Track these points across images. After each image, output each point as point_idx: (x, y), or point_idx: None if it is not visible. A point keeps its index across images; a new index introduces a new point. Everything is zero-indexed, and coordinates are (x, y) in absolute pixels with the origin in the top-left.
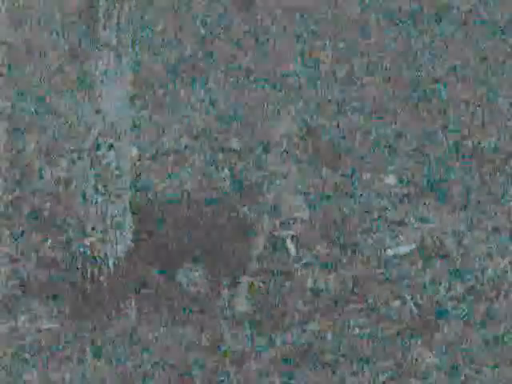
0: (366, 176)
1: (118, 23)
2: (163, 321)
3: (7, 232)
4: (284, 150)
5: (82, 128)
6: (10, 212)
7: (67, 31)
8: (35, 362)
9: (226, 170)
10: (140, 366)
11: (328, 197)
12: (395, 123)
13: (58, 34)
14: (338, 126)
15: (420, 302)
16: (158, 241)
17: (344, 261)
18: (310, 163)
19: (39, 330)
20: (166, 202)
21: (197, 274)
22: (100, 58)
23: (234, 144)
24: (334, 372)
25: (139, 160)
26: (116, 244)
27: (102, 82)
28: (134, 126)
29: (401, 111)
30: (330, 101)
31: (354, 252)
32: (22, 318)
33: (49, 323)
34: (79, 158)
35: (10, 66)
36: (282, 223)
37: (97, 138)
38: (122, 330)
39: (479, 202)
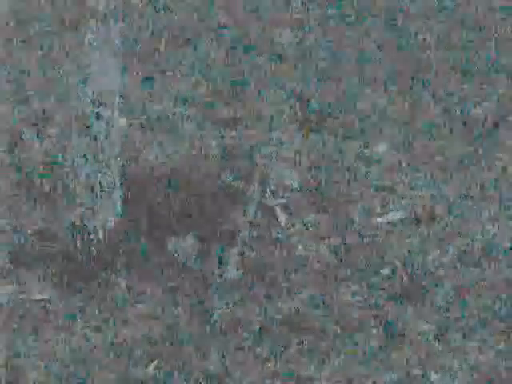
0: (357, 144)
1: None
2: (153, 290)
3: None
4: (273, 119)
5: (71, 97)
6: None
7: (55, 0)
8: (26, 333)
9: (216, 139)
10: (130, 336)
11: (318, 165)
12: (385, 91)
13: (46, 2)
14: (327, 93)
15: (410, 268)
16: (148, 210)
17: (334, 228)
18: (299, 131)
19: (30, 301)
20: (155, 172)
21: (187, 242)
22: (89, 26)
23: (225, 113)
24: (324, 339)
25: (128, 129)
26: (106, 214)
27: (90, 51)
28: (123, 96)
29: (390, 79)
30: (318, 68)
31: (344, 220)
32: (13, 288)
33: (39, 294)
34: (68, 127)
35: None
36: (272, 192)
37: (86, 108)
38: (112, 300)
39: (469, 168)
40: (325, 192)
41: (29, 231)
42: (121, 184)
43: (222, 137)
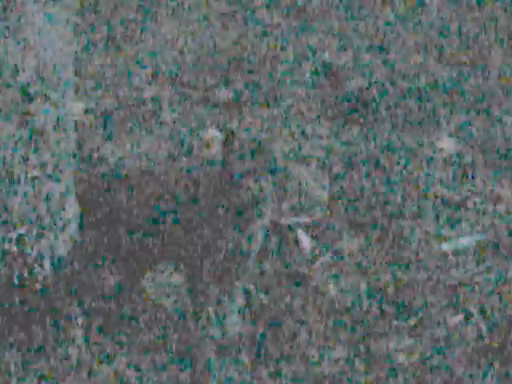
0: (411, 138)
1: None
2: (123, 347)
3: None
4: (294, 102)
5: (5, 72)
6: None
7: None
8: None
9: (213, 131)
10: None
11: (354, 168)
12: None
13: None
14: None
15: (491, 315)
16: (115, 233)
17: (379, 259)
18: (329, 118)
19: None
20: (124, 178)
21: (171, 279)
22: None
23: (223, 94)
24: None
25: (86, 118)
26: (55, 239)
27: (34, 8)
28: (79, 71)
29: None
30: (357, 33)
31: (393, 246)
32: None
33: None
34: (4, 114)
35: None
36: (291, 207)
37: (26, 87)
38: (67, 357)
39: None
40: (364, 207)
41: None
42: (76, 194)
43: (220, 128)
